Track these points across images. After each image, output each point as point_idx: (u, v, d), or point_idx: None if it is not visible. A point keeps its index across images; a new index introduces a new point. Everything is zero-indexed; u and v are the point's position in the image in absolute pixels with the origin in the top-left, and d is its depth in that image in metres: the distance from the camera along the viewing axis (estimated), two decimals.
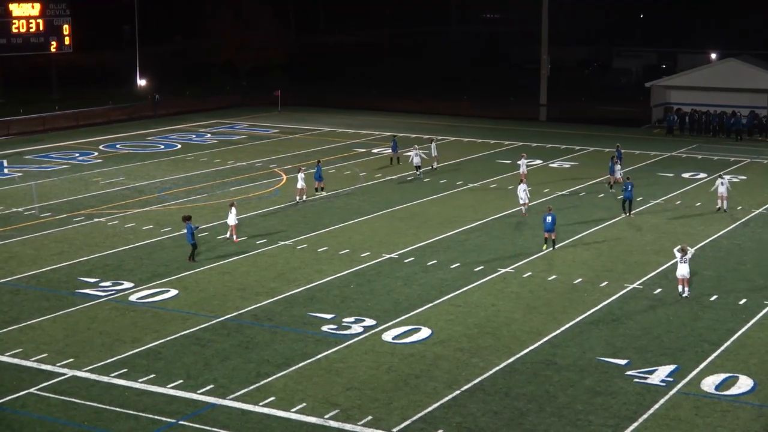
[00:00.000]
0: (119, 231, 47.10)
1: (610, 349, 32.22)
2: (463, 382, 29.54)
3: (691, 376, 30.03)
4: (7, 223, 48.42)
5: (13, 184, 57.95)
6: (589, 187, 57.38)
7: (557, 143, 74.68)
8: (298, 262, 42.08)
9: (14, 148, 70.95)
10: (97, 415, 27.14)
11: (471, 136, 76.87)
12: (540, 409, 27.75)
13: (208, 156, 67.87)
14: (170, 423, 26.72)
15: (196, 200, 53.77)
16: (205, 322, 34.49)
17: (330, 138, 76.09)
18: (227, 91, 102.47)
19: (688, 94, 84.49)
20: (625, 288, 38.71)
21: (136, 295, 37.42)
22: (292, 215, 50.25)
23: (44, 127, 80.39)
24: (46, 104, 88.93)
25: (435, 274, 40.43)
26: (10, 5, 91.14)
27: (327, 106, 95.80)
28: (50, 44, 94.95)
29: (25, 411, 27.43)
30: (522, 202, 50.40)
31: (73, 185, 57.72)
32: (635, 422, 26.94)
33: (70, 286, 38.58)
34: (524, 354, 31.81)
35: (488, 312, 35.87)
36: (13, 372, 30.08)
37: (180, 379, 29.54)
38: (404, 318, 35.08)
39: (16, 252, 43.35)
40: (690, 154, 69.85)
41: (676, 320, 35.09)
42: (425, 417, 27.19)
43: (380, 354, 31.72)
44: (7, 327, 33.89)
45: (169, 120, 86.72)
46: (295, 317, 35.09)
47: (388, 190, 56.79)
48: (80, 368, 30.36)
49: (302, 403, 27.94)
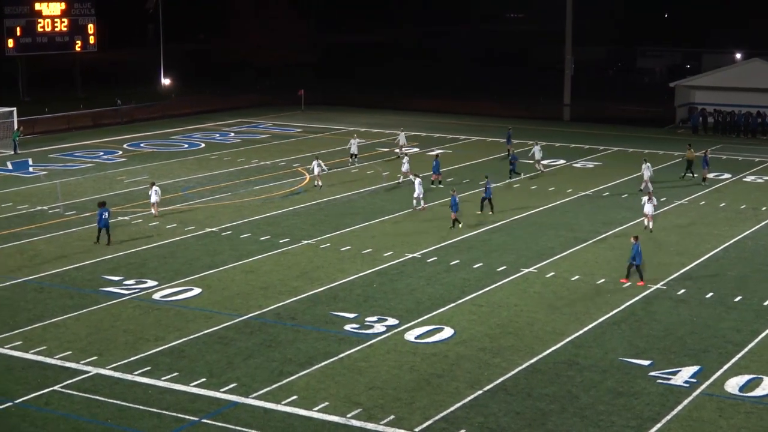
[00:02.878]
0: (143, 229, 47.28)
1: (633, 350, 32.13)
2: (485, 382, 29.51)
3: (715, 378, 29.91)
4: (32, 221, 48.68)
5: (38, 183, 58.26)
6: (612, 188, 57.20)
7: (581, 143, 74.52)
8: (321, 261, 42.14)
9: (39, 146, 71.31)
10: (121, 413, 27.26)
11: (494, 136, 76.71)
12: (562, 409, 27.69)
13: (231, 155, 68.04)
14: (193, 421, 26.80)
15: (220, 199, 53.91)
16: (228, 321, 34.58)
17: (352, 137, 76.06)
18: (251, 90, 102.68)
19: (712, 94, 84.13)
20: (649, 289, 38.57)
21: (160, 294, 37.55)
22: (315, 214, 50.32)
23: (69, 126, 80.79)
24: (71, 103, 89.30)
25: (458, 273, 40.41)
26: (35, 4, 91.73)
27: (350, 105, 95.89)
28: (75, 43, 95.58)
29: (49, 408, 27.56)
30: (416, 195, 51.33)
31: (98, 184, 57.98)
32: (658, 423, 26.85)
33: (94, 284, 38.74)
34: (546, 354, 31.76)
35: (510, 312, 35.82)
36: (38, 369, 30.24)
37: (203, 378, 29.63)
38: (427, 318, 35.08)
39: (41, 250, 43.59)
40: (714, 155, 69.48)
41: (700, 321, 34.95)
42: (447, 417, 27.18)
43: (402, 353, 31.73)
44: (31, 325, 34.08)
45: (193, 119, 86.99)
46: (317, 316, 35.13)
47: (411, 189, 56.68)
48: (104, 366, 30.49)
49: (324, 402, 27.97)
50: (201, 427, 26.44)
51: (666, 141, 75.46)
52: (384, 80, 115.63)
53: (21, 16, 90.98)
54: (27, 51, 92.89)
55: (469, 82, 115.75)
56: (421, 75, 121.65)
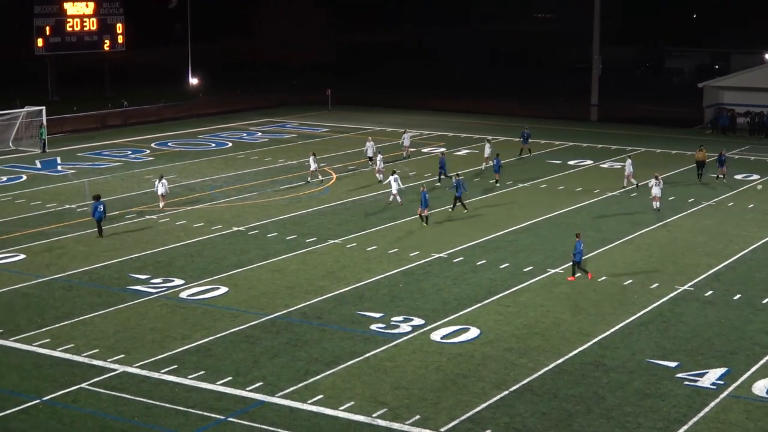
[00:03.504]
0: (170, 228, 47.45)
1: (659, 351, 32.00)
2: (511, 382, 29.47)
3: (743, 380, 29.75)
4: (60, 219, 48.95)
5: (66, 181, 58.59)
6: (640, 188, 56.90)
7: (608, 143, 74.27)
8: (348, 260, 42.18)
9: (68, 145, 71.70)
10: (148, 411, 27.37)
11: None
12: (588, 410, 27.61)
13: (258, 154, 68.20)
14: (219, 419, 26.89)
15: (247, 198, 54.05)
16: (254, 320, 34.66)
17: (380, 137, 76.11)
18: (277, 90, 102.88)
19: (741, 94, 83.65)
20: (676, 290, 38.41)
21: (187, 292, 37.68)
22: (342, 214, 50.35)
23: (97, 125, 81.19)
24: (99, 102, 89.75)
25: (484, 273, 40.35)
26: (64, 4, 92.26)
27: (377, 105, 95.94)
28: (103, 42, 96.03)
29: (77, 406, 27.71)
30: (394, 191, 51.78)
31: (126, 183, 58.25)
32: (685, 425, 26.73)
33: (122, 282, 38.93)
34: (573, 355, 31.67)
35: (537, 312, 35.75)
36: (65, 367, 30.41)
37: (229, 376, 29.71)
38: (453, 318, 35.05)
39: (69, 248, 43.82)
40: (743, 156, 69.17)
41: (728, 323, 34.77)
42: (473, 417, 27.15)
43: (428, 353, 31.72)
44: (59, 322, 34.27)
45: (220, 118, 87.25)
46: (343, 316, 35.17)
47: (439, 189, 56.68)
48: (131, 364, 30.63)
49: (350, 402, 28.00)
50: (227, 426, 26.52)
51: (694, 142, 74.82)
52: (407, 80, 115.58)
53: (50, 15, 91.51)
54: (56, 50, 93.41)
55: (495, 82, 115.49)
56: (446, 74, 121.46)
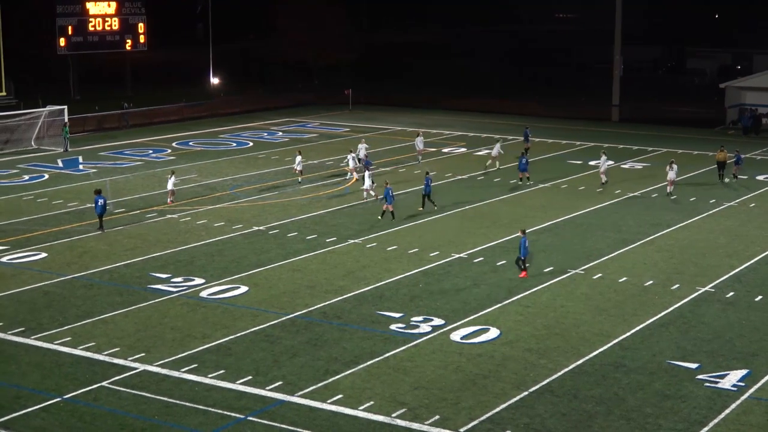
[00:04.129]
0: (191, 227, 47.59)
1: (680, 353, 31.89)
2: (530, 383, 29.42)
3: (764, 381, 29.59)
4: (81, 218, 49.14)
5: (88, 180, 58.81)
6: (661, 189, 56.74)
7: (629, 144, 74.08)
8: (368, 260, 42.20)
9: (89, 144, 71.99)
10: (168, 410, 27.46)
11: (542, 136, 76.40)
12: (608, 412, 27.55)
13: (279, 154, 68.30)
14: (239, 418, 26.94)
15: (267, 198, 54.15)
16: (274, 319, 34.72)
17: (400, 137, 76.20)
18: (298, 90, 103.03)
19: (764, 95, 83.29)
20: (697, 291, 38.27)
21: (207, 291, 37.77)
22: (362, 214, 50.37)
23: (119, 125, 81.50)
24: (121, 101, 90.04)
25: (504, 274, 40.30)
26: (86, 4, 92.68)
27: (396, 105, 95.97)
28: (125, 42, 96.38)
29: (97, 404, 27.82)
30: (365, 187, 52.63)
31: (147, 182, 58.45)
32: (705, 427, 26.63)
33: (143, 281, 39.06)
34: (593, 356, 31.59)
35: (557, 313, 35.68)
36: (86, 365, 30.53)
37: (249, 375, 29.77)
38: (473, 318, 35.02)
39: (90, 247, 44.00)
40: (765, 156, 68.85)
41: (749, 324, 34.62)
42: (493, 417, 27.12)
43: (448, 354, 31.70)
44: (80, 321, 34.41)
45: (241, 118, 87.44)
46: (363, 315, 35.18)
47: (458, 189, 56.71)
48: (151, 363, 30.73)
49: (370, 402, 28.01)
50: (247, 425, 26.57)
51: (715, 142, 74.65)
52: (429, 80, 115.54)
53: (73, 15, 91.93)
54: (78, 50, 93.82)
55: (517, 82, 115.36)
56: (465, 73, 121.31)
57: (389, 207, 48.68)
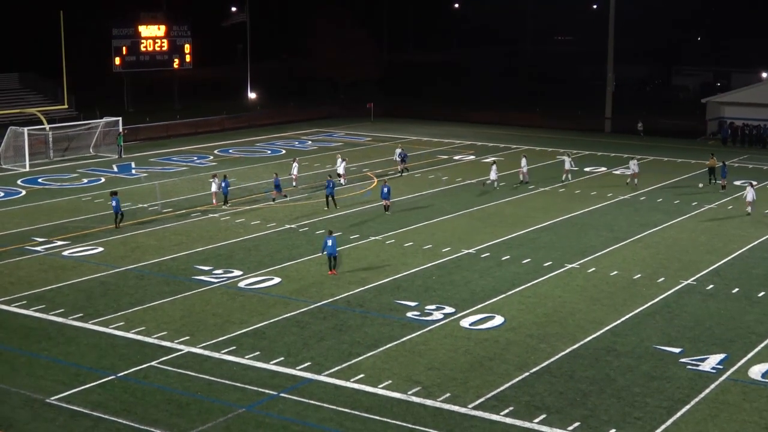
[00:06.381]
0: (231, 225, 47.68)
1: (665, 338, 31.78)
2: (531, 365, 29.38)
3: (740, 365, 29.49)
4: (134, 217, 49.32)
5: (139, 183, 59.01)
6: (648, 193, 56.57)
7: (620, 152, 73.76)
8: (387, 255, 42.19)
9: (141, 151, 72.19)
10: (209, 387, 27.54)
11: (543, 146, 76.25)
12: (601, 390, 27.49)
13: (308, 160, 68.28)
14: (272, 395, 27.00)
15: (298, 199, 54.19)
16: (304, 307, 34.76)
17: (416, 146, 76.10)
18: (326, 103, 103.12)
19: (741, 109, 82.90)
20: (680, 283, 38.12)
21: (245, 282, 37.84)
22: (382, 214, 50.35)
23: (167, 134, 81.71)
24: (169, 114, 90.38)
25: (508, 268, 40.24)
26: (139, 27, 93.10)
27: (414, 117, 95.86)
28: (173, 61, 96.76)
29: (147, 381, 27.94)
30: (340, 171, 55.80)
31: (191, 184, 58.57)
32: (687, 405, 26.56)
33: (188, 273, 39.16)
34: (587, 341, 31.52)
35: (555, 303, 35.60)
36: (137, 347, 30.66)
37: (281, 357, 29.82)
38: (480, 306, 34.98)
39: (142, 242, 44.15)
40: (741, 164, 68.50)
41: (726, 313, 34.47)
42: (497, 395, 27.11)
43: (458, 338, 31.68)
44: (133, 308, 34.55)
45: (275, 128, 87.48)
46: (383, 304, 35.19)
47: (468, 192, 56.63)
48: (195, 345, 30.82)
49: (388, 381, 28.02)
50: (279, 401, 26.63)
51: (697, 151, 74.43)
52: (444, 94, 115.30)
53: (126, 37, 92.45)
54: (131, 68, 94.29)
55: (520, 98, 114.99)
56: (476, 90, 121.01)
57: (387, 202, 49.81)
